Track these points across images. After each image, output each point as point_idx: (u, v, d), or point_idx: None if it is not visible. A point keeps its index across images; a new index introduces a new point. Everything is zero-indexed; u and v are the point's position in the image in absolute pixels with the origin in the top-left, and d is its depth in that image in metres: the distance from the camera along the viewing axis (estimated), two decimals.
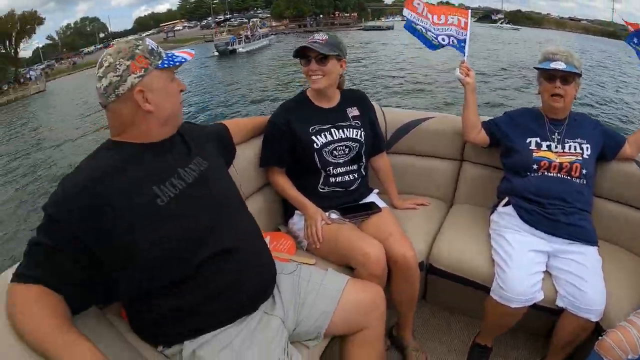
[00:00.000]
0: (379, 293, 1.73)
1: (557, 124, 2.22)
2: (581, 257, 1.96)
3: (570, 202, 2.05)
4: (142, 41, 1.34)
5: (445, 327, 2.51)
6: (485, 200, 2.45)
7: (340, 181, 2.23)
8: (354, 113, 2.28)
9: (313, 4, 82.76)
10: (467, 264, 2.14)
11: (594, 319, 1.85)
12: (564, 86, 2.10)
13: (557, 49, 2.19)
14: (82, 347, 1.10)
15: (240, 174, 2.09)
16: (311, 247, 2.12)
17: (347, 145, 2.21)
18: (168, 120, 1.40)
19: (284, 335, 1.47)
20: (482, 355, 2.25)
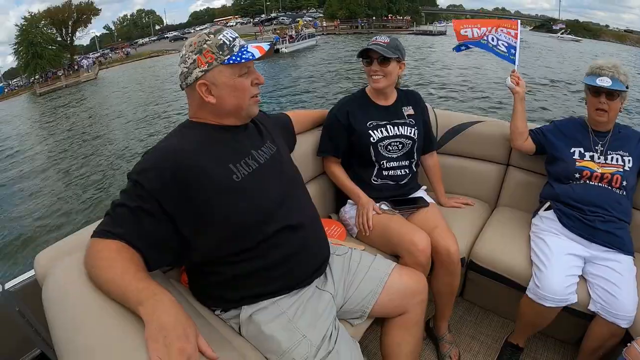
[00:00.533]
0: (422, 280, 1.84)
1: (601, 136, 2.27)
2: (616, 265, 2.02)
3: (609, 211, 2.11)
4: (215, 35, 1.45)
5: (479, 324, 2.59)
6: (527, 204, 2.52)
7: (393, 175, 2.35)
8: (409, 112, 2.40)
9: (366, 5, 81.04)
10: (506, 263, 2.22)
11: (624, 325, 1.90)
12: (608, 102, 2.16)
13: (604, 63, 2.21)
14: (165, 297, 1.14)
15: (299, 162, 2.19)
16: (360, 234, 2.25)
17: (400, 141, 2.33)
18: (231, 113, 1.50)
19: (334, 309, 1.59)
20: (513, 354, 2.31)
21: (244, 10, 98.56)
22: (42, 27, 59.37)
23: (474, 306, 2.70)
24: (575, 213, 2.15)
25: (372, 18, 77.40)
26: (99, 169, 14.74)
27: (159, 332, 1.05)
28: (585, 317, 2.01)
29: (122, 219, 1.30)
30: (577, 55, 41.59)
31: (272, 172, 1.56)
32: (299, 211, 1.59)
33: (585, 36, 73.28)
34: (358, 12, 79.45)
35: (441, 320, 2.36)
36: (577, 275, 2.03)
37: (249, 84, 1.48)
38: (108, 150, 17.13)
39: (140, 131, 19.53)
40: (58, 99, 36.21)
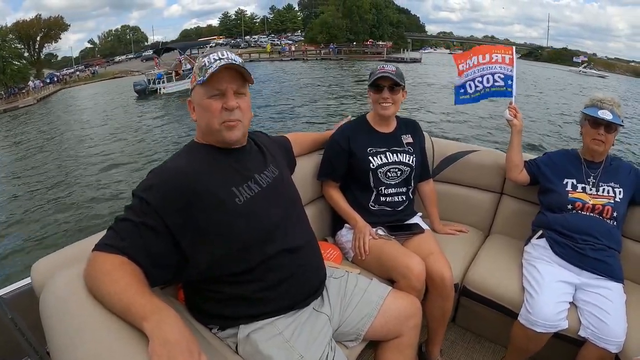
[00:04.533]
0: (417, 304, 1.89)
1: (594, 168, 2.35)
2: (606, 292, 2.07)
3: (599, 240, 2.17)
4: (204, 57, 1.54)
5: (471, 350, 2.62)
6: (520, 232, 2.57)
7: (390, 201, 2.41)
8: (408, 140, 2.48)
9: (347, 29, 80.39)
10: (499, 290, 2.27)
11: (614, 350, 1.95)
12: (606, 134, 2.24)
13: (604, 97, 2.31)
14: (169, 313, 1.15)
15: (297, 185, 2.27)
16: (356, 258, 2.30)
17: (399, 168, 2.39)
18: (209, 133, 1.55)
19: (330, 331, 1.63)
20: None
21: (230, 30, 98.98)
22: (8, 41, 57.89)
23: (466, 332, 2.73)
24: (566, 241, 2.21)
25: (353, 43, 76.76)
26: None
27: (163, 348, 1.06)
28: (576, 343, 2.05)
29: (125, 234, 1.33)
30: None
31: (273, 195, 1.61)
32: (297, 234, 1.64)
33: (572, 64, 72.04)
34: (339, 36, 78.65)
35: (434, 345, 2.40)
36: (568, 301, 2.09)
37: (218, 107, 1.50)
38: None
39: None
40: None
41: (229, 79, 1.49)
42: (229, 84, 1.49)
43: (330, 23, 79.21)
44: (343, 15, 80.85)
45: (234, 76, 1.51)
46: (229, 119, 1.51)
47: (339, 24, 79.39)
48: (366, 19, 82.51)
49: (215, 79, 1.46)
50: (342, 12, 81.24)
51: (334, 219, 2.55)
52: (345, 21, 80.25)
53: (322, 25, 79.87)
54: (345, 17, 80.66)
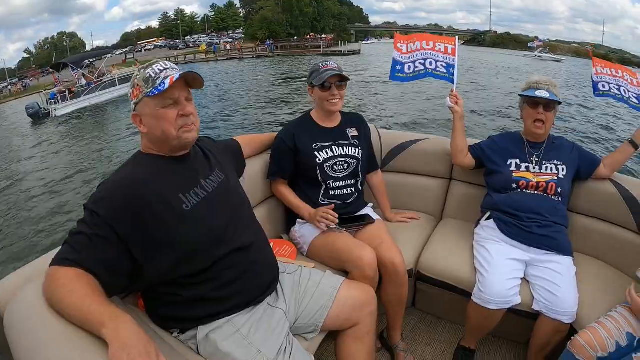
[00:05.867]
0: (371, 293, 1.95)
1: (536, 147, 2.45)
2: (556, 266, 2.18)
3: (545, 217, 2.27)
4: (145, 69, 1.55)
5: (432, 331, 2.71)
6: (471, 215, 2.66)
7: (339, 194, 2.46)
8: (353, 133, 2.53)
9: (288, 24, 79.52)
10: (452, 272, 2.36)
11: (567, 321, 2.06)
12: (546, 113, 2.34)
13: (541, 79, 2.41)
14: (126, 318, 1.22)
15: (248, 186, 2.29)
16: (311, 253, 2.35)
17: (346, 161, 2.44)
18: (164, 142, 1.57)
19: (286, 325, 1.68)
20: (466, 357, 2.43)
21: (170, 31, 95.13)
22: None
23: (426, 315, 2.81)
24: (513, 220, 2.30)
25: (294, 38, 75.38)
26: None
27: (122, 351, 1.12)
28: (531, 317, 2.15)
29: (79, 247, 1.36)
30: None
31: (220, 199, 1.66)
32: (246, 234, 1.69)
33: (516, 48, 72.86)
34: (279, 32, 77.58)
35: (394, 331, 2.46)
36: (519, 278, 2.18)
37: (174, 115, 1.52)
38: None
39: None
40: None
41: (180, 87, 1.53)
42: (180, 92, 1.53)
43: (270, 19, 78.23)
44: (283, 10, 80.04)
45: (182, 84, 1.54)
46: (186, 124, 1.55)
47: (279, 19, 78.54)
48: (307, 12, 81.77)
49: (168, 89, 1.48)
50: (282, 6, 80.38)
51: (287, 216, 2.59)
52: (286, 16, 79.47)
53: (262, 22, 78.66)
54: (285, 11, 79.86)
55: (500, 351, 2.58)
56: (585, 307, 2.09)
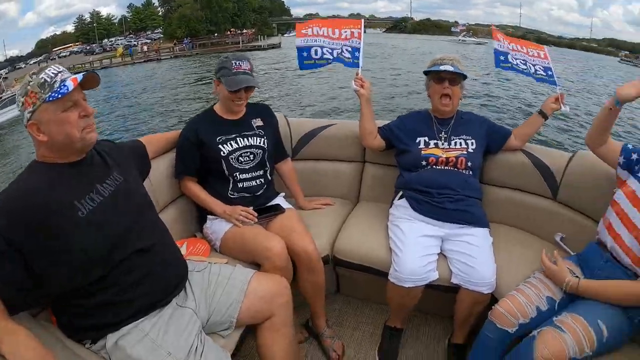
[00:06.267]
0: (283, 283, 1.93)
1: (444, 123, 2.48)
2: (471, 239, 2.22)
3: (457, 191, 2.31)
4: (37, 74, 1.47)
5: (359, 315, 2.71)
6: (386, 196, 2.66)
7: (248, 186, 2.42)
8: (258, 123, 2.48)
9: (208, 21, 77.43)
10: (368, 254, 2.35)
11: (486, 291, 2.10)
12: (452, 87, 2.37)
13: (445, 56, 2.45)
14: (22, 333, 1.25)
15: (156, 186, 2.24)
16: (223, 248, 2.30)
17: (251, 152, 2.40)
18: (66, 147, 1.51)
19: (197, 324, 1.65)
20: (394, 336, 2.45)
21: (86, 35, 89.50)
22: None
23: (351, 299, 2.82)
24: (424, 197, 2.32)
25: (215, 34, 73.72)
26: None
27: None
28: (452, 290, 2.19)
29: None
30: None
31: (118, 202, 1.61)
32: (148, 235, 1.65)
33: (436, 33, 74.58)
34: (199, 29, 75.65)
35: (317, 318, 2.45)
36: (434, 254, 2.21)
37: (75, 117, 1.48)
38: None
39: None
40: None
41: (77, 88, 1.48)
42: (78, 93, 1.50)
43: (189, 16, 76.16)
44: (202, 6, 78.31)
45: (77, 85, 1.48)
46: (88, 124, 1.52)
47: (198, 16, 76.55)
48: (226, 7, 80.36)
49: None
50: (200, 3, 78.64)
51: (199, 214, 2.52)
52: (205, 12, 77.61)
53: (181, 20, 76.28)
54: (204, 8, 78.12)
55: (427, 326, 2.62)
56: (504, 276, 2.15)
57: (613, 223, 1.95)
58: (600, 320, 1.78)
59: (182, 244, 2.26)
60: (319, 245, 2.33)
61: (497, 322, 1.91)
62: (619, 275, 1.88)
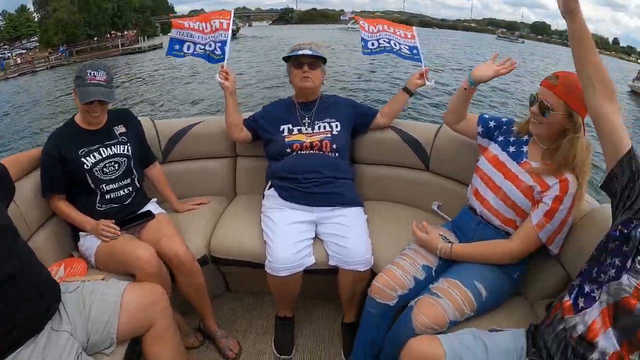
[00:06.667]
0: (158, 290, 1.87)
1: (307, 109, 2.50)
2: (343, 219, 2.25)
3: (324, 174, 2.32)
4: None
5: (252, 310, 2.71)
6: (261, 188, 2.63)
7: (116, 197, 2.31)
8: (120, 130, 2.37)
9: (87, 25, 71.75)
10: (244, 248, 2.32)
11: (363, 269, 2.15)
12: (311, 71, 2.39)
13: (304, 42, 2.47)
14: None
15: (25, 208, 2.10)
16: (98, 263, 2.19)
17: (116, 161, 2.29)
18: None
19: (75, 347, 1.57)
20: (286, 326, 2.46)
21: None
22: None
23: (242, 295, 2.80)
24: (291, 184, 2.33)
25: (94, 39, 68.89)
26: None
27: None
28: (333, 273, 2.22)
29: None
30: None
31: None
32: (7, 264, 1.52)
33: (323, 22, 75.42)
34: (77, 34, 69.93)
35: (207, 319, 2.42)
36: (309, 239, 2.22)
37: None
38: None
39: None
40: None
41: None
42: None
43: (65, 20, 70.34)
44: (79, 8, 72.86)
45: None
46: None
47: (75, 20, 71.06)
48: (105, 9, 75.79)
49: None
50: (77, 5, 73.07)
51: (72, 232, 2.38)
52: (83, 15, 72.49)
53: (57, 25, 70.05)
54: (82, 10, 72.81)
55: (319, 310, 2.67)
56: (381, 251, 2.21)
57: (479, 189, 2.06)
58: (476, 281, 1.87)
59: (59, 266, 2.14)
60: (195, 246, 2.29)
61: (377, 297, 1.96)
62: (492, 236, 1.99)
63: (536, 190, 1.84)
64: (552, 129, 1.80)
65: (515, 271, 1.97)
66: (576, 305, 1.46)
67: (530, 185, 1.86)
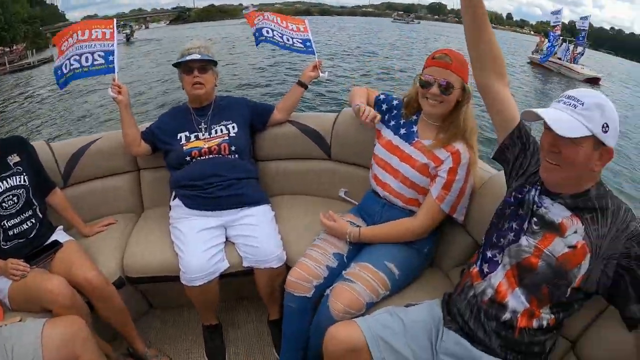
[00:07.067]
0: (77, 321, 1.80)
1: (203, 114, 2.46)
2: (250, 219, 2.26)
3: (225, 176, 2.31)
4: None
5: (179, 325, 2.66)
6: (168, 199, 2.57)
7: (19, 232, 2.17)
8: (14, 160, 2.23)
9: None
10: (158, 264, 2.26)
11: (276, 265, 2.17)
12: (202, 75, 2.35)
13: (192, 44, 2.42)
14: None
15: None
16: (12, 304, 2.05)
17: (14, 194, 2.16)
18: None
19: None
20: (214, 334, 2.45)
21: None
22: None
23: (167, 310, 2.74)
24: (194, 192, 2.30)
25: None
26: None
27: None
28: (250, 273, 2.22)
29: None
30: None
31: None
32: None
33: (223, 18, 74.51)
34: None
35: (134, 341, 2.34)
36: (219, 244, 2.22)
37: None
38: None
39: None
40: None
41: None
42: None
43: None
44: None
45: None
46: None
47: None
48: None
49: None
50: None
51: None
52: None
53: None
54: None
55: (243, 312, 2.67)
56: (292, 245, 2.25)
57: (378, 174, 2.13)
58: (387, 262, 1.93)
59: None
60: (108, 269, 2.21)
61: (294, 291, 1.99)
62: (398, 216, 2.06)
63: (431, 166, 1.92)
64: (448, 105, 1.89)
65: (425, 246, 2.05)
66: (482, 271, 1.55)
67: (424, 163, 1.94)
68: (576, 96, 1.31)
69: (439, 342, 1.61)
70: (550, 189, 1.45)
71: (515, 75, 26.03)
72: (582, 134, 1.26)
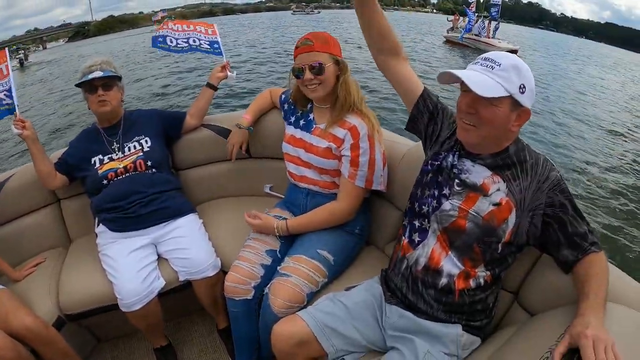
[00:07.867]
0: None
1: (113, 133, 2.37)
2: (178, 231, 2.22)
3: (145, 192, 2.25)
4: None
5: (129, 353, 2.57)
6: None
7: None
8: None
9: None
10: (95, 295, 2.15)
11: (212, 273, 2.16)
12: (107, 92, 2.25)
13: (93, 62, 2.30)
14: None
15: None
16: None
17: None
18: None
19: None
20: (167, 354, 2.39)
21: None
22: None
23: (115, 341, 2.63)
24: (116, 214, 2.23)
25: None
26: None
27: None
28: (188, 287, 2.20)
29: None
30: None
31: None
32: None
33: (123, 29, 72.88)
34: None
35: None
36: (152, 262, 2.16)
37: None
38: None
39: None
40: None
41: None
42: None
43: None
44: None
45: None
46: None
47: None
48: None
49: None
50: None
51: None
52: None
53: None
54: None
55: (192, 327, 2.63)
56: (226, 250, 2.24)
57: (292, 170, 2.16)
58: (319, 250, 1.94)
59: None
60: (45, 310, 2.09)
61: (234, 296, 1.98)
62: (323, 202, 2.07)
63: (333, 148, 1.95)
64: (329, 83, 1.91)
65: (355, 226, 2.07)
66: (412, 241, 1.57)
67: (326, 147, 1.97)
68: (493, 58, 1.34)
69: (384, 319, 1.63)
70: (470, 149, 1.49)
71: (435, 55, 26.63)
72: (500, 94, 1.28)
